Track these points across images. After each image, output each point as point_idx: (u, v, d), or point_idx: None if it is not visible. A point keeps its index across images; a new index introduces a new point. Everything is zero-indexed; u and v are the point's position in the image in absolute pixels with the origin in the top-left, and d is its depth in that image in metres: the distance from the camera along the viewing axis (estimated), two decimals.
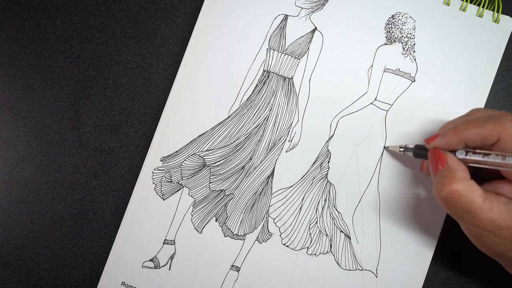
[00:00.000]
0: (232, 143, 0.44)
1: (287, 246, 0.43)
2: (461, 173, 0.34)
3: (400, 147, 0.41)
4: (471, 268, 0.43)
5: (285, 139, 0.44)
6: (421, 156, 0.39)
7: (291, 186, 0.43)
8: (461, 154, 0.34)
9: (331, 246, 0.43)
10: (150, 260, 0.43)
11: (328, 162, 0.43)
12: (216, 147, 0.44)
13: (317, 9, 0.44)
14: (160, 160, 0.43)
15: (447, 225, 0.42)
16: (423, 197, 0.43)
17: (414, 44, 0.44)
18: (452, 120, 0.38)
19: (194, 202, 0.43)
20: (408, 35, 0.44)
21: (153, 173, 0.43)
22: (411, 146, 0.40)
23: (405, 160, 0.43)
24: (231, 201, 0.43)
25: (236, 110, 0.44)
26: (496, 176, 0.36)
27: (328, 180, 0.43)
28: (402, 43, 0.44)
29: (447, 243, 0.43)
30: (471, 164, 0.34)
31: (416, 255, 0.42)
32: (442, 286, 0.43)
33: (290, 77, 0.44)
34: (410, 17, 0.44)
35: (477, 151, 0.34)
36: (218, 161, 0.43)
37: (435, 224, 0.42)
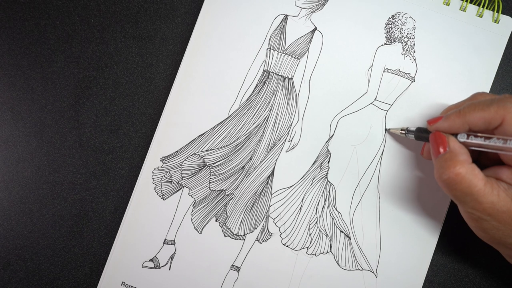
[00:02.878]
0: (232, 143, 0.44)
1: (287, 246, 0.43)
2: (463, 156, 0.34)
3: (402, 129, 0.41)
4: (471, 269, 0.43)
5: (285, 139, 0.44)
6: (422, 139, 0.39)
7: (291, 186, 0.43)
8: (463, 137, 0.34)
9: (331, 246, 0.43)
10: (150, 260, 0.43)
11: (328, 162, 0.43)
12: (216, 147, 0.44)
13: (317, 9, 0.44)
14: (160, 160, 0.43)
15: (447, 225, 0.42)
16: (423, 197, 0.43)
17: (414, 44, 0.44)
18: (455, 104, 0.38)
19: (194, 202, 0.43)
20: (408, 35, 0.44)
21: (153, 173, 0.43)
22: (413, 128, 0.40)
23: (405, 160, 0.43)
24: (231, 201, 0.43)
25: (236, 110, 0.44)
26: (496, 162, 0.36)
27: (328, 180, 0.43)
28: (402, 43, 0.44)
29: (447, 243, 0.43)
30: (472, 148, 0.34)
31: (416, 255, 0.42)
32: (442, 286, 0.43)
33: (290, 77, 0.44)
34: (410, 17, 0.44)
35: (479, 134, 0.34)
36: (218, 161, 0.43)
37: (435, 224, 0.42)
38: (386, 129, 0.43)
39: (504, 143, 0.32)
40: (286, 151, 0.43)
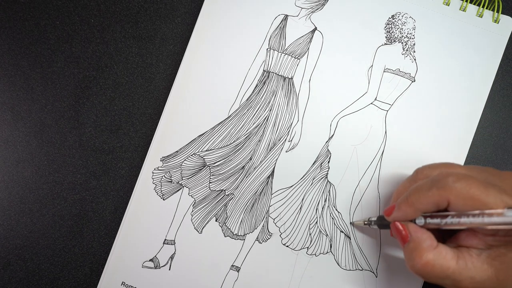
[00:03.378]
0: (232, 143, 0.44)
1: (287, 246, 0.43)
2: (427, 241, 0.33)
3: (365, 222, 0.41)
4: None
5: (285, 139, 0.44)
6: (386, 227, 0.38)
7: (291, 186, 0.43)
8: (421, 222, 0.34)
9: (331, 246, 0.43)
10: (150, 260, 0.43)
11: (328, 162, 0.43)
12: (216, 147, 0.44)
13: (317, 9, 0.44)
14: (160, 160, 0.43)
15: None
16: None
17: (414, 44, 0.44)
18: (402, 185, 0.38)
19: (194, 202, 0.43)
20: (408, 35, 0.44)
21: (153, 173, 0.43)
22: (374, 218, 0.40)
23: (405, 161, 0.43)
24: (231, 201, 0.43)
25: (236, 110, 0.44)
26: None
27: (328, 180, 0.43)
28: (402, 43, 0.44)
29: None
30: (432, 227, 0.34)
31: None
32: (442, 286, 0.43)
33: (290, 77, 0.44)
34: (410, 17, 0.44)
35: (435, 215, 0.34)
36: (218, 161, 0.43)
37: None
38: (351, 223, 0.43)
39: (459, 220, 0.32)
40: (286, 151, 0.43)
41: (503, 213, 0.30)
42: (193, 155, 0.43)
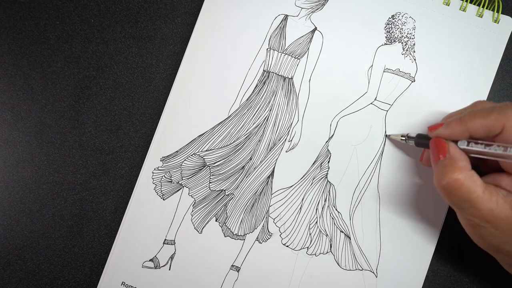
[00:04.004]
0: (232, 143, 0.44)
1: (287, 246, 0.43)
2: (463, 162, 0.34)
3: (402, 136, 0.41)
4: (471, 269, 0.43)
5: (285, 139, 0.44)
6: (422, 146, 0.39)
7: (291, 186, 0.43)
8: (463, 144, 0.34)
9: (331, 246, 0.43)
10: (150, 260, 0.43)
11: (328, 162, 0.43)
12: (216, 147, 0.44)
13: (317, 9, 0.44)
14: (160, 160, 0.43)
15: (447, 226, 0.42)
16: (423, 197, 0.43)
17: (414, 44, 0.44)
18: (456, 112, 0.38)
19: (194, 202, 0.43)
20: (408, 35, 0.44)
21: (153, 173, 0.43)
22: (413, 135, 0.40)
23: (405, 161, 0.43)
24: (231, 201, 0.43)
25: (236, 110, 0.44)
26: (496, 169, 0.36)
27: (328, 180, 0.43)
28: (402, 43, 0.44)
29: (447, 243, 0.43)
30: (473, 155, 0.34)
31: (416, 255, 0.42)
32: (442, 286, 0.43)
33: (290, 77, 0.44)
34: (410, 17, 0.44)
35: (480, 141, 0.34)
36: (218, 161, 0.43)
37: (435, 225, 0.42)
38: (386, 135, 0.43)
39: (505, 151, 0.32)
40: (286, 151, 0.43)
41: None
42: (193, 155, 0.43)
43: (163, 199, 0.43)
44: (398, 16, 0.44)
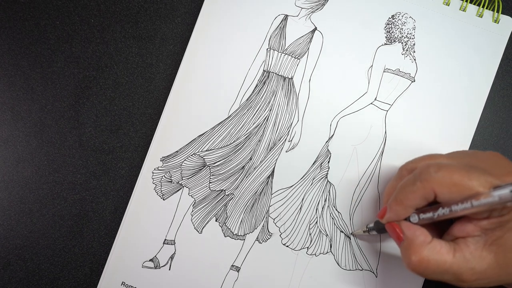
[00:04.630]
0: (232, 143, 0.44)
1: (287, 246, 0.43)
2: (420, 238, 0.33)
3: (363, 230, 0.41)
4: None
5: (285, 139, 0.44)
6: (384, 231, 0.38)
7: (291, 186, 0.43)
8: (415, 219, 0.34)
9: (331, 246, 0.43)
10: (150, 260, 0.43)
11: (328, 162, 0.43)
12: (216, 147, 0.44)
13: (317, 9, 0.44)
14: (160, 160, 0.43)
15: None
16: None
17: (414, 44, 0.44)
18: (390, 184, 0.38)
19: (194, 202, 0.43)
20: (408, 35, 0.44)
21: (153, 173, 0.43)
22: (372, 225, 0.40)
23: (405, 160, 0.43)
24: (231, 201, 0.43)
25: (236, 110, 0.44)
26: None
27: (328, 180, 0.43)
28: (402, 43, 0.44)
29: None
30: (427, 222, 0.34)
31: None
32: (442, 286, 0.43)
33: (290, 77, 0.44)
34: (410, 17, 0.44)
35: (427, 209, 0.34)
36: (218, 161, 0.43)
37: None
38: (351, 233, 0.42)
39: (451, 211, 0.32)
40: (286, 151, 0.43)
41: (489, 193, 0.30)
42: (193, 155, 0.43)
43: (163, 199, 0.43)
44: (398, 16, 0.44)
